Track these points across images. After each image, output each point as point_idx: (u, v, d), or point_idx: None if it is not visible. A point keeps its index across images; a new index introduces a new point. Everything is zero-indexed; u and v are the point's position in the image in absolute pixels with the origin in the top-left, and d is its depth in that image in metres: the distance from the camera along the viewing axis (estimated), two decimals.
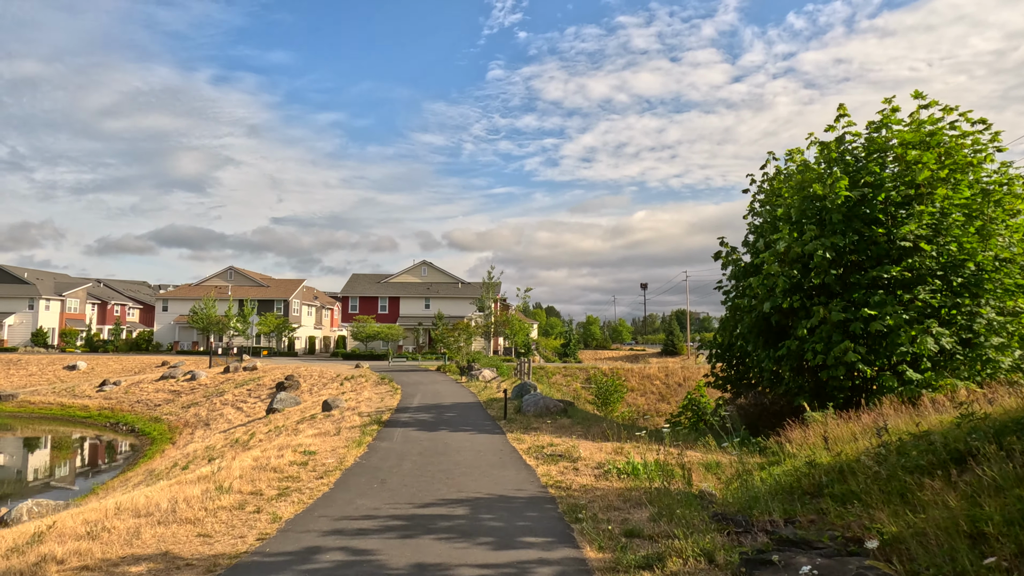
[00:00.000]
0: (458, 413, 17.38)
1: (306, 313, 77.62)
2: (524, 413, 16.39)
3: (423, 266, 69.06)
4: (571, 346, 68.12)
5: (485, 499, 7.26)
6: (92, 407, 45.01)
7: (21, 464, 27.62)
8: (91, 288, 79.42)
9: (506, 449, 11.11)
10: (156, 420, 39.55)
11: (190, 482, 8.70)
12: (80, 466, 27.27)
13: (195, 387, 46.07)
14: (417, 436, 12.91)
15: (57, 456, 29.11)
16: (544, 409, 16.28)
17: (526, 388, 20.92)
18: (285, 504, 7.08)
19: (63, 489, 23.37)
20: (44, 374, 56.73)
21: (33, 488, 23.11)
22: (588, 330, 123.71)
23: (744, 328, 15.67)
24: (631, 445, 11.95)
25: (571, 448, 11.14)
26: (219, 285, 73.27)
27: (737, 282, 17.93)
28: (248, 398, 39.15)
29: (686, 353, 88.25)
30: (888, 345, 12.74)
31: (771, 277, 14.06)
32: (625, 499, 7.10)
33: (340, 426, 15.81)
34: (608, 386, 27.31)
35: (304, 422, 20.00)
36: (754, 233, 18.39)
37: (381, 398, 23.03)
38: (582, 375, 50.55)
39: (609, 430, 13.81)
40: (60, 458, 28.78)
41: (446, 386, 27.95)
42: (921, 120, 14.00)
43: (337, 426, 15.99)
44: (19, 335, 69.11)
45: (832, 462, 6.88)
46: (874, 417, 10.05)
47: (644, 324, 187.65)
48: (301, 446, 11.90)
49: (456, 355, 44.47)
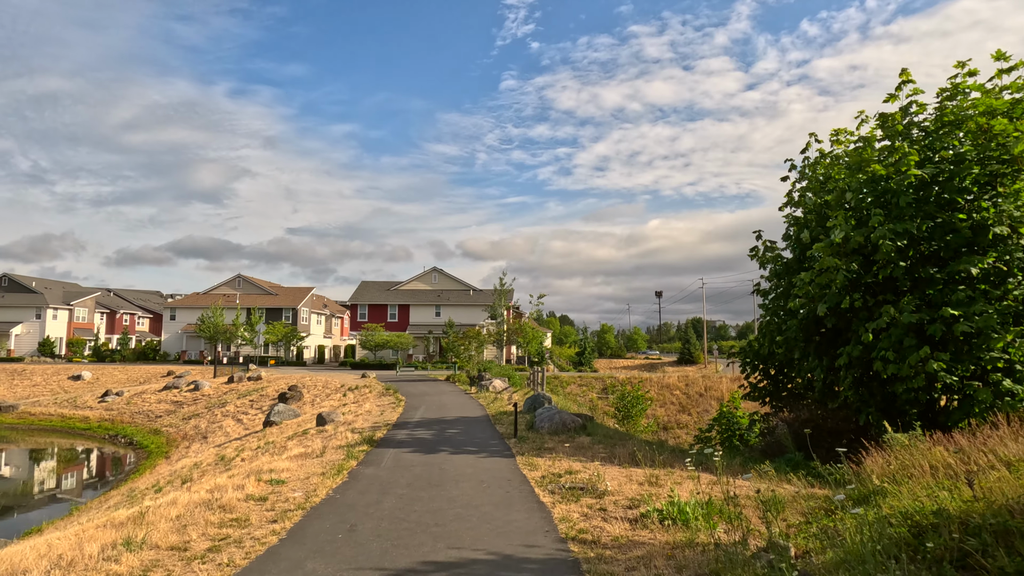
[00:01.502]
0: (462, 429, 15.37)
1: (315, 322, 76.10)
2: (537, 430, 14.35)
3: (434, 273, 67.26)
4: (586, 355, 65.74)
5: (484, 563, 5.26)
6: (92, 418, 43.65)
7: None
8: (100, 297, 78.55)
9: (515, 478, 9.09)
10: (155, 432, 38.02)
11: (109, 525, 6.81)
12: (63, 485, 25.56)
13: (198, 398, 44.58)
14: (410, 460, 10.91)
15: (43, 472, 27.46)
16: (560, 425, 14.23)
17: (540, 400, 18.86)
18: (205, 571, 5.12)
19: (40, 509, 21.69)
20: (48, 384, 55.60)
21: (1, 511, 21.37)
22: (603, 339, 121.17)
23: (791, 332, 13.51)
24: (664, 471, 9.88)
25: (595, 477, 9.09)
26: (227, 293, 72.00)
27: (779, 280, 15.79)
28: (250, 409, 37.49)
29: (703, 362, 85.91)
30: (974, 351, 10.56)
31: (827, 273, 11.92)
32: (678, 566, 5.07)
33: (328, 444, 13.88)
34: (630, 398, 25.09)
35: (295, 438, 18.12)
36: (795, 226, 16.27)
37: (381, 411, 21.10)
38: (598, 385, 48.34)
39: (637, 451, 11.72)
40: (46, 475, 27.12)
41: (453, 397, 25.95)
42: (1004, 85, 11.86)
43: (325, 444, 14.07)
44: (26, 345, 68.21)
45: (982, 511, 4.76)
46: (980, 439, 7.89)
47: (659, 333, 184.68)
48: (273, 472, 9.97)
49: (466, 364, 42.46)
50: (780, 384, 16.64)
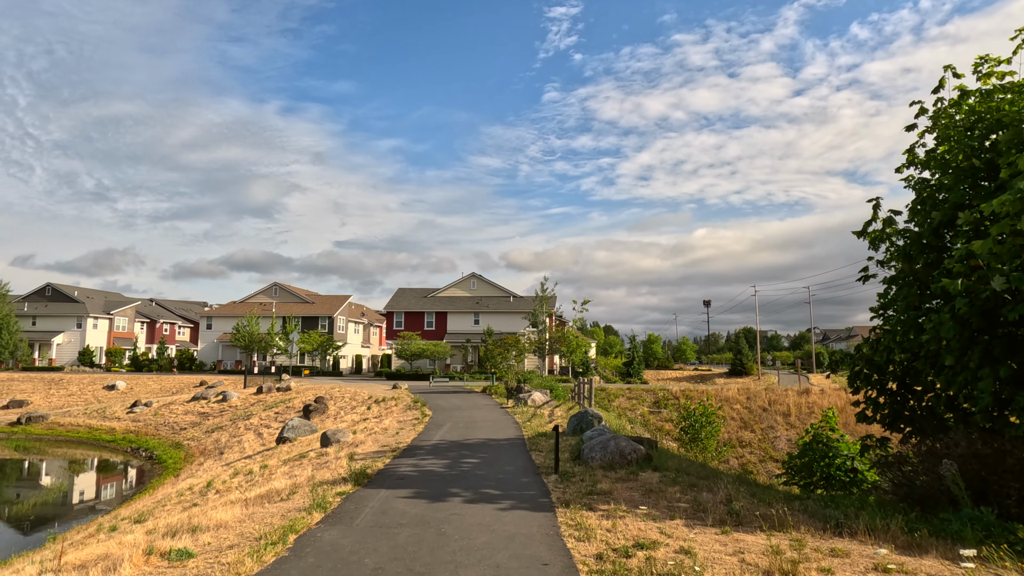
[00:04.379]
0: (487, 458, 11.89)
1: (352, 331, 74.02)
2: (586, 462, 10.80)
3: (472, 279, 64.19)
4: (635, 365, 61.30)
5: None
6: (119, 430, 42.07)
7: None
8: (140, 307, 78.45)
9: (555, 559, 5.57)
10: (176, 446, 35.90)
11: None
12: (58, 507, 23.18)
13: (224, 409, 42.55)
14: (401, 512, 7.50)
15: (40, 493, 25.22)
16: (617, 455, 10.63)
17: (587, 419, 15.22)
18: None
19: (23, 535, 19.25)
20: (83, 394, 54.78)
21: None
22: (649, 349, 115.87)
23: (947, 331, 9.54)
24: (788, 539, 6.21)
25: (684, 557, 5.52)
26: (263, 302, 70.66)
27: (910, 264, 11.83)
28: (272, 422, 35.01)
29: (756, 373, 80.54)
30: None
31: (1018, 236, 8.02)
32: None
33: (313, 477, 10.64)
34: (698, 416, 20.89)
35: (289, 463, 15.02)
36: (925, 191, 12.31)
37: (399, 429, 17.84)
38: (649, 398, 44.09)
39: (733, 496, 8.06)
40: (44, 495, 24.88)
41: (486, 413, 22.51)
42: None
43: (311, 475, 10.84)
44: (67, 354, 68.18)
45: None
46: None
47: (707, 343, 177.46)
48: (197, 531, 6.75)
49: (505, 374, 39.01)
50: (898, 402, 12.66)
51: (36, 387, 55.74)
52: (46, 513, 21.85)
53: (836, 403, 43.04)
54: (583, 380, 26.39)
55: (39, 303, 69.82)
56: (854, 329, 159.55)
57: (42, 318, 68.54)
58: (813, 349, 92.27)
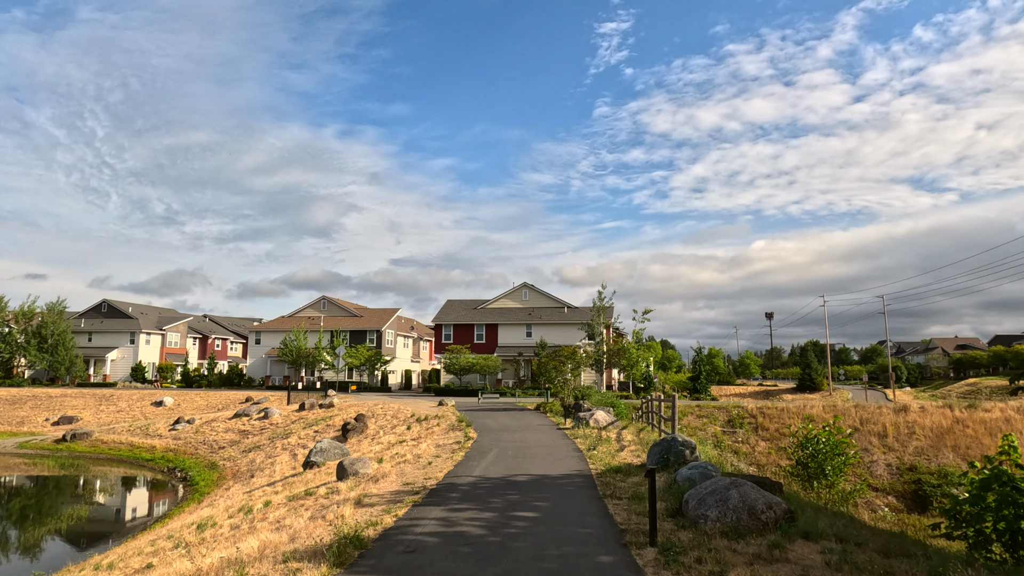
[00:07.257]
0: (544, 512, 8.35)
1: (401, 344, 71.78)
2: (695, 522, 7.16)
3: (524, 289, 60.85)
4: (702, 380, 56.39)
5: None
6: (159, 448, 40.54)
7: (12, 524, 21.88)
8: (193, 322, 78.56)
9: None
10: (212, 466, 33.76)
11: None
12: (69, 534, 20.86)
13: (264, 427, 40.47)
14: None
15: (56, 520, 23.06)
16: (743, 510, 6.96)
17: (675, 449, 11.46)
18: None
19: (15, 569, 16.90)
20: (132, 410, 54.10)
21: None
22: (710, 363, 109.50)
23: None
24: None
25: None
26: (312, 316, 69.28)
27: None
28: (310, 441, 32.45)
29: (827, 388, 73.91)
30: None
31: None
32: None
33: (296, 536, 7.36)
34: (822, 446, 16.29)
35: (294, 500, 11.92)
36: None
37: (434, 457, 14.52)
38: (721, 416, 39.41)
39: None
40: (59, 521, 22.71)
41: (540, 435, 18.96)
42: None
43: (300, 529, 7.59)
44: (121, 370, 68.40)
45: None
46: None
47: (770, 357, 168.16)
48: None
49: (561, 390, 35.27)
50: None
51: (87, 403, 55.48)
52: (39, 543, 19.48)
53: (942, 423, 37.48)
54: (651, 397, 22.52)
55: (95, 319, 70.52)
56: (933, 341, 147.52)
57: (97, 334, 69.10)
58: (889, 362, 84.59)
